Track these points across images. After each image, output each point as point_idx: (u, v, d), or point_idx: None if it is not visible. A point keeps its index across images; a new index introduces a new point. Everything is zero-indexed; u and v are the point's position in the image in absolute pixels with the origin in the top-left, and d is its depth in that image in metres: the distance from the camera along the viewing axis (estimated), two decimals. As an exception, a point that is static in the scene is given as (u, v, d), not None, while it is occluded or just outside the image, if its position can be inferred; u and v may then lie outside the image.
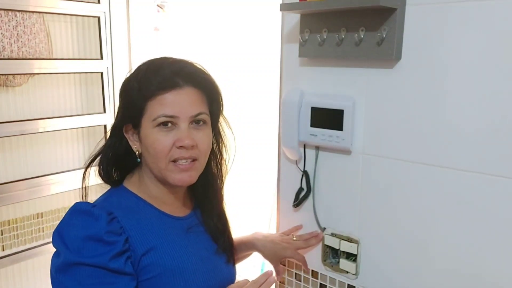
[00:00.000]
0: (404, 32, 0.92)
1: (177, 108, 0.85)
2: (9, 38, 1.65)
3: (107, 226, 0.81)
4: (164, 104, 0.84)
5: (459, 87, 0.87)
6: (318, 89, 1.09)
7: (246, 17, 2.60)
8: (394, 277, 1.02)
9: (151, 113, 0.85)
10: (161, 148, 0.85)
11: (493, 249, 0.86)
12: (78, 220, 0.82)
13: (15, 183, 1.70)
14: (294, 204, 1.17)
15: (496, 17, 0.81)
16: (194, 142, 0.86)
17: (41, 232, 1.88)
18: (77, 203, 0.85)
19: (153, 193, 0.93)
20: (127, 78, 0.90)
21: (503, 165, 0.83)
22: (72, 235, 0.81)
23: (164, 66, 0.87)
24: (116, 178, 0.95)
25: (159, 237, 0.89)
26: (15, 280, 1.83)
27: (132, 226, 0.86)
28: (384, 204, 1.01)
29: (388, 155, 0.98)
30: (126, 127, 0.90)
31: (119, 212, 0.85)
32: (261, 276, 0.91)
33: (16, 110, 1.75)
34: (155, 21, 2.38)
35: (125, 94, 0.90)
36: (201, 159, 0.90)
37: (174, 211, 0.95)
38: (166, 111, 0.84)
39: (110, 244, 0.80)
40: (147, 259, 0.85)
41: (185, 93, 0.86)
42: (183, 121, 0.86)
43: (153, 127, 0.85)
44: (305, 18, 1.05)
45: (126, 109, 0.89)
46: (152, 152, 0.86)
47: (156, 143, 0.85)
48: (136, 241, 0.85)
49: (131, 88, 0.87)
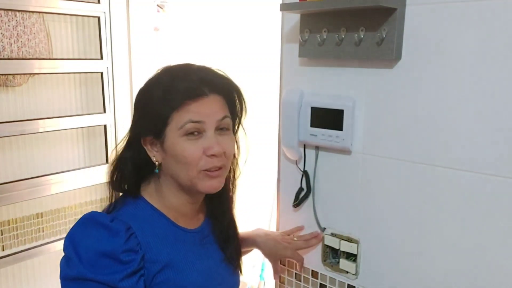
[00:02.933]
0: (404, 32, 0.92)
1: (203, 114, 0.84)
2: (9, 38, 1.65)
3: (125, 244, 0.80)
4: (191, 111, 0.83)
5: (459, 87, 0.87)
6: (318, 89, 1.09)
7: (246, 17, 2.60)
8: (394, 277, 1.02)
9: (178, 122, 0.83)
10: (192, 157, 0.84)
11: (493, 249, 0.86)
12: (94, 232, 0.81)
13: (15, 183, 1.70)
14: (294, 204, 1.17)
15: (496, 17, 0.81)
16: (223, 149, 0.86)
17: (41, 232, 1.88)
18: (94, 212, 0.84)
19: (171, 203, 0.91)
20: (145, 88, 0.88)
21: (503, 165, 0.83)
22: (86, 247, 0.79)
23: (189, 74, 0.85)
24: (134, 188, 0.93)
25: (173, 253, 0.88)
26: (15, 280, 1.83)
27: (148, 240, 0.85)
28: (384, 204, 1.01)
29: (388, 155, 0.99)
30: (144, 139, 0.88)
31: (137, 226, 0.84)
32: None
33: (16, 110, 1.75)
34: (155, 21, 2.38)
35: (146, 105, 0.87)
36: (227, 165, 0.90)
37: (188, 223, 0.94)
38: (193, 117, 0.83)
39: (126, 263, 0.79)
40: (161, 276, 0.85)
41: (210, 101, 0.85)
42: (210, 128, 0.85)
43: (180, 136, 0.84)
44: (305, 18, 1.05)
45: (148, 120, 0.86)
46: (182, 161, 0.84)
47: (186, 152, 0.84)
48: (151, 257, 0.84)
49: (154, 98, 0.85)
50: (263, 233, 1.14)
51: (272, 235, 1.14)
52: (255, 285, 2.68)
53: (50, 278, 1.93)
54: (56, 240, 1.88)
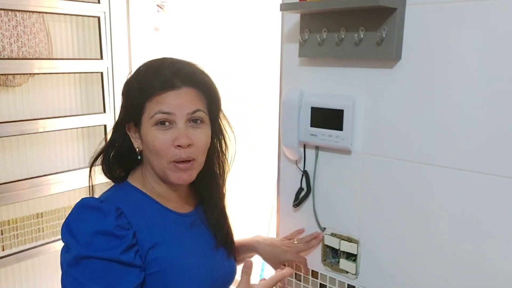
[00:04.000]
0: (404, 32, 0.92)
1: (174, 106, 0.86)
2: (9, 38, 1.65)
3: (116, 221, 0.83)
4: (161, 102, 0.86)
5: (459, 87, 0.87)
6: (318, 89, 1.09)
7: (246, 17, 2.60)
8: (394, 277, 1.02)
9: (150, 111, 0.87)
10: (161, 147, 0.87)
11: (493, 249, 0.86)
12: (87, 215, 0.83)
13: (15, 183, 1.70)
14: (294, 204, 1.17)
15: (496, 17, 0.81)
16: (191, 141, 0.87)
17: (41, 232, 1.87)
18: (84, 198, 0.87)
19: (156, 190, 0.94)
20: (128, 79, 0.93)
21: (503, 165, 0.83)
22: (82, 229, 0.82)
23: (163, 67, 0.88)
24: (121, 174, 0.97)
25: (164, 232, 0.90)
26: (15, 280, 1.83)
27: (138, 221, 0.87)
28: (384, 204, 1.01)
29: (388, 155, 0.98)
30: (128, 125, 0.92)
31: (125, 208, 0.87)
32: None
33: (16, 110, 1.75)
34: (155, 21, 2.38)
35: (126, 94, 0.93)
36: (199, 158, 0.91)
37: (178, 208, 0.97)
38: (163, 108, 0.86)
39: (121, 238, 0.82)
40: (153, 253, 0.87)
41: (183, 93, 0.88)
42: (180, 119, 0.87)
43: (151, 125, 0.87)
44: (305, 18, 1.05)
45: (128, 108, 0.92)
46: (152, 150, 0.88)
47: (155, 141, 0.87)
48: (143, 236, 0.87)
49: (132, 88, 0.90)
50: (262, 239, 1.15)
51: (271, 240, 1.15)
52: (255, 285, 2.68)
53: (50, 278, 1.92)
54: (56, 240, 1.87)
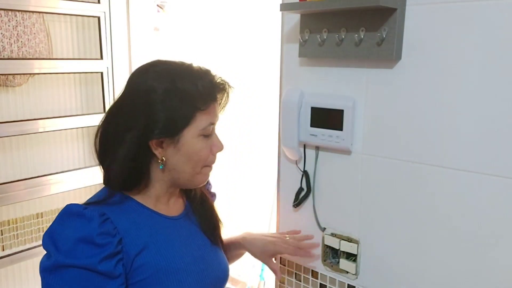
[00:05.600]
0: (404, 32, 0.92)
1: (217, 116, 0.93)
2: (9, 38, 1.66)
3: (99, 228, 0.80)
4: (211, 114, 0.90)
5: (459, 87, 0.87)
6: (318, 89, 1.09)
7: (246, 17, 2.60)
8: (394, 277, 1.02)
9: (200, 123, 0.88)
10: (205, 155, 0.91)
11: (493, 249, 0.86)
12: (70, 222, 0.81)
13: (15, 183, 1.70)
14: (294, 204, 1.17)
15: (496, 17, 0.81)
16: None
17: (41, 232, 1.88)
18: (68, 205, 0.84)
19: (157, 193, 0.92)
20: (151, 88, 0.84)
21: (503, 165, 0.83)
22: (63, 237, 0.80)
23: (199, 78, 0.88)
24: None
25: (152, 236, 0.88)
26: (15, 280, 1.83)
27: (125, 226, 0.85)
28: (384, 204, 1.01)
29: (388, 155, 0.99)
30: (156, 140, 0.86)
31: (111, 213, 0.84)
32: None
33: (16, 110, 1.75)
34: (155, 21, 2.39)
35: (160, 108, 0.84)
36: None
37: (168, 211, 0.95)
38: (213, 119, 0.91)
39: (102, 246, 0.79)
40: (140, 259, 0.85)
41: (217, 104, 0.93)
42: (214, 128, 0.93)
43: (197, 135, 0.88)
44: (305, 18, 1.06)
45: (163, 121, 0.84)
46: (194, 159, 0.89)
47: (202, 151, 0.90)
48: (130, 242, 0.84)
49: (170, 98, 0.84)
50: (249, 234, 1.13)
51: (259, 235, 1.13)
52: (255, 285, 2.68)
53: (50, 278, 1.93)
54: (56, 240, 1.88)
